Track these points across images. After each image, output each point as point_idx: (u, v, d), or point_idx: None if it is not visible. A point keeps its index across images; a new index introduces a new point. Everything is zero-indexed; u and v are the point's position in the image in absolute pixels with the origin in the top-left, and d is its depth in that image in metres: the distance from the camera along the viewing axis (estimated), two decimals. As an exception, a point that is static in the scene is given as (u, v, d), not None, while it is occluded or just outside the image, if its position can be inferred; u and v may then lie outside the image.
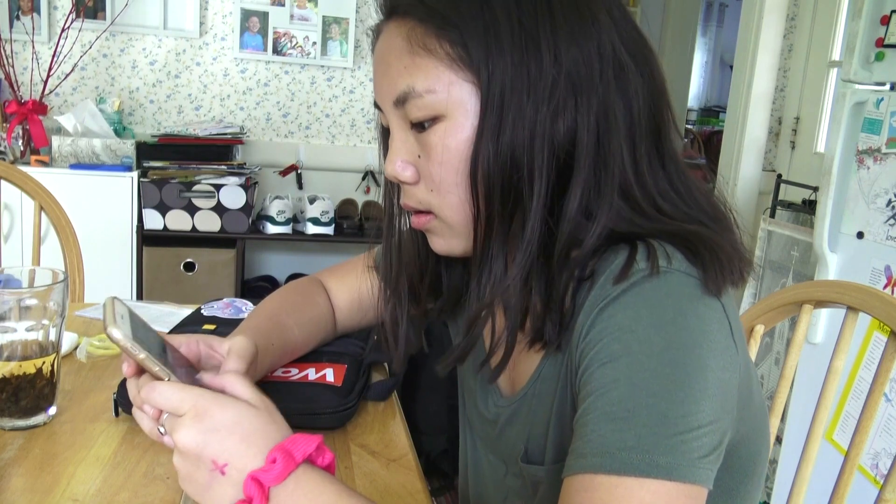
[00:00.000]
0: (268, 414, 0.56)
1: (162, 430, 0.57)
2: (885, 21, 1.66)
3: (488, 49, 0.58)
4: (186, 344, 0.71)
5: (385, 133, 0.68)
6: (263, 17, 2.82)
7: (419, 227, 0.67)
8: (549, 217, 0.60)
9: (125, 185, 2.48)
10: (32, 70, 2.64)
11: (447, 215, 0.63)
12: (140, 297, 2.56)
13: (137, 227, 2.52)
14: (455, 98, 0.59)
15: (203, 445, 0.52)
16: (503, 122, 0.58)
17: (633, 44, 0.62)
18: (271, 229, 2.65)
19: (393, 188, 0.70)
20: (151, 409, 0.58)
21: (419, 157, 0.63)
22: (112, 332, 0.55)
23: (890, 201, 1.63)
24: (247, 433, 0.53)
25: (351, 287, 0.96)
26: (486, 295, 0.61)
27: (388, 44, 0.62)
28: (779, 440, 1.94)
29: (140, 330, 0.59)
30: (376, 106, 0.66)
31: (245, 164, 2.67)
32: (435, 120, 0.60)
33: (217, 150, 2.61)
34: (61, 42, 2.62)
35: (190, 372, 0.64)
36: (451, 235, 0.65)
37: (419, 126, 0.62)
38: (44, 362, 0.79)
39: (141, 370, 0.61)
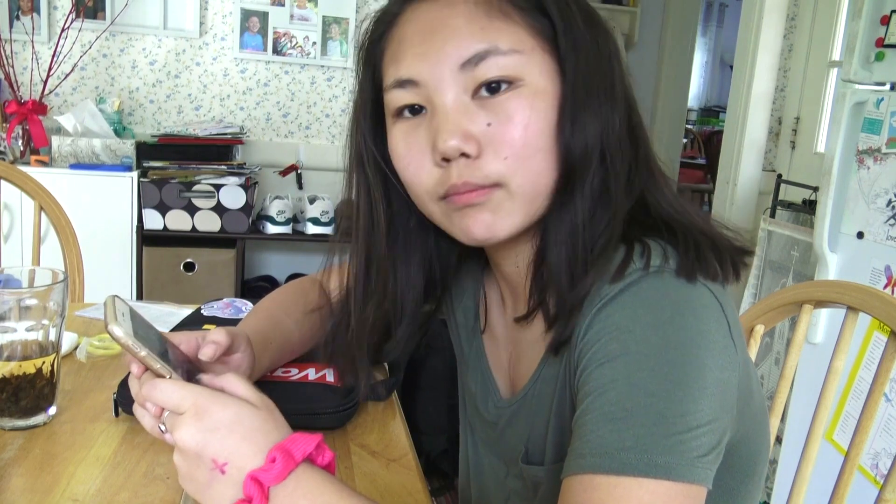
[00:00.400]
0: (268, 413, 0.56)
1: (163, 427, 0.57)
2: (885, 21, 1.66)
3: (567, 22, 0.61)
4: (186, 342, 0.71)
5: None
6: (263, 17, 2.82)
7: (473, 201, 0.61)
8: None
9: (125, 185, 2.47)
10: (32, 70, 2.64)
11: (521, 183, 0.60)
12: (140, 297, 2.56)
13: (137, 227, 2.52)
14: (538, 62, 0.60)
15: (203, 444, 0.52)
16: (584, 92, 0.60)
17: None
18: (271, 229, 2.65)
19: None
20: (153, 406, 0.58)
21: (489, 124, 0.59)
22: (113, 329, 0.55)
23: (890, 201, 1.63)
24: (247, 432, 0.53)
25: (350, 287, 0.96)
26: (567, 240, 0.60)
27: (449, 11, 0.61)
28: (779, 440, 1.94)
29: (141, 328, 0.59)
30: (403, 84, 0.62)
31: (245, 164, 2.66)
32: (513, 83, 0.60)
33: (217, 150, 2.61)
34: (61, 42, 2.62)
35: (191, 370, 0.64)
36: (512, 209, 0.61)
37: (492, 88, 0.60)
38: (44, 362, 0.79)
39: (146, 368, 0.61)
